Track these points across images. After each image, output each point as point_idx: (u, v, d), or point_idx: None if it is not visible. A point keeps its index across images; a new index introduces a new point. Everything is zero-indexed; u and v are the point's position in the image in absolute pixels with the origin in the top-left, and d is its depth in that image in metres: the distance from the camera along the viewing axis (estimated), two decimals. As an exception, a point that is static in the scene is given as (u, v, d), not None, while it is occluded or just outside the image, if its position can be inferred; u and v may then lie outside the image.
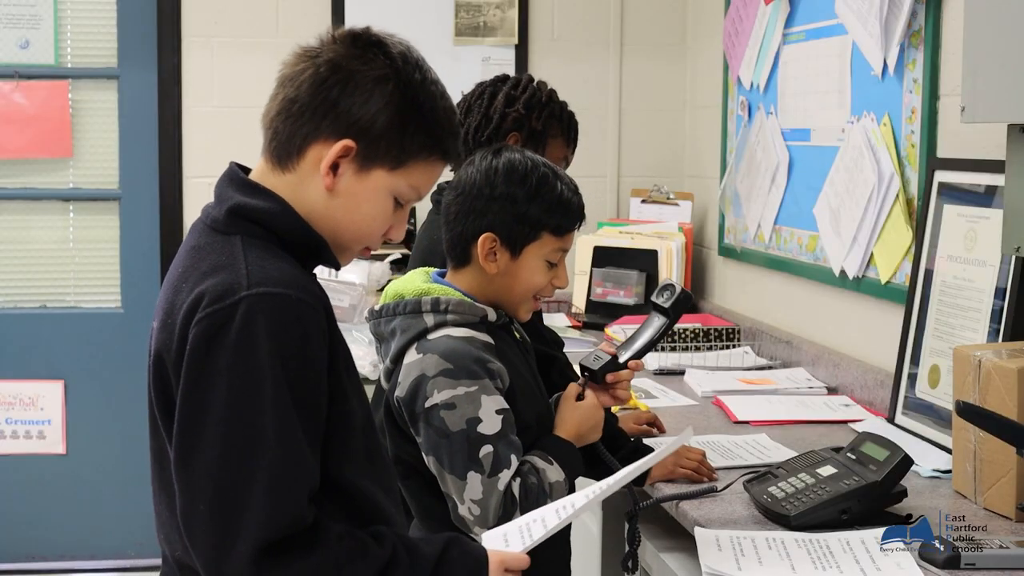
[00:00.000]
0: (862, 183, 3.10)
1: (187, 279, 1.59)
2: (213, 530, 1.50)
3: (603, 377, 2.19)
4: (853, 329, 3.25)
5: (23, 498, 4.67)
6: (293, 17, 4.49)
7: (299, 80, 1.64)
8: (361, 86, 1.62)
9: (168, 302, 1.60)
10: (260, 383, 1.51)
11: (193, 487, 1.52)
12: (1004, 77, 2.04)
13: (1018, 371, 2.07)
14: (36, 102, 4.56)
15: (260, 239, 1.62)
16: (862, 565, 1.88)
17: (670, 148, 4.70)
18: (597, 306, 4.20)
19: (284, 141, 1.65)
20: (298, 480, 1.52)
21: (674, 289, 2.25)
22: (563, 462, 2.05)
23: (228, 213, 1.64)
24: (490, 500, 1.95)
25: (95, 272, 4.71)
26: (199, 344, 1.52)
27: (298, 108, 1.63)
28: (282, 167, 1.66)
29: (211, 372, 1.51)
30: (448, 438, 1.97)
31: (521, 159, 2.12)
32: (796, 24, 3.55)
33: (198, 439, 1.51)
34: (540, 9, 4.62)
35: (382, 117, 1.62)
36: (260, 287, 1.53)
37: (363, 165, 1.64)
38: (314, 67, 1.63)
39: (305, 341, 1.54)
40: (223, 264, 1.57)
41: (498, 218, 2.08)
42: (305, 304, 1.55)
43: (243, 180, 1.67)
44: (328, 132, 1.62)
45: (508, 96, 2.92)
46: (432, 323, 2.04)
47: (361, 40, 1.66)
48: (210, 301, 1.53)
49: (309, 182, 1.64)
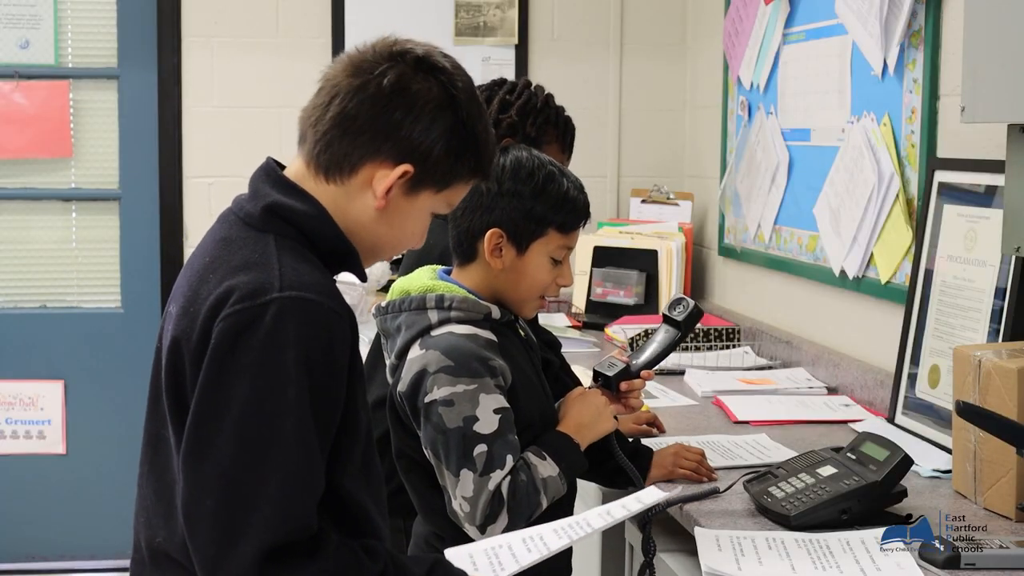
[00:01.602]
0: (862, 183, 3.10)
1: (215, 270, 1.58)
2: (217, 527, 1.50)
3: (617, 384, 2.21)
4: (853, 329, 3.25)
5: (23, 498, 4.68)
6: (293, 17, 4.49)
7: (359, 96, 1.63)
8: (425, 111, 1.63)
9: (192, 290, 1.59)
10: (284, 386, 1.50)
11: (202, 481, 1.51)
12: (1004, 77, 2.04)
13: (1018, 371, 2.07)
14: (36, 102, 4.56)
15: (292, 240, 1.61)
16: (862, 565, 1.88)
17: (670, 148, 4.70)
18: (597, 306, 4.20)
19: (338, 156, 1.64)
20: (309, 486, 1.52)
21: (687, 303, 2.27)
22: (558, 456, 2.05)
23: (264, 210, 1.63)
24: (479, 499, 1.97)
25: (95, 272, 4.71)
26: (224, 340, 1.51)
27: (358, 126, 1.62)
28: (328, 177, 1.65)
29: (234, 369, 1.50)
30: (445, 434, 1.99)
31: (528, 157, 2.14)
32: (796, 24, 3.55)
33: (214, 434, 1.50)
34: (540, 9, 4.62)
35: (440, 144, 1.64)
36: (293, 291, 1.53)
37: (414, 187, 1.65)
38: (376, 84, 1.62)
39: (331, 349, 1.54)
40: (255, 262, 1.57)
41: (505, 214, 2.10)
42: (334, 312, 1.55)
43: (281, 178, 1.66)
44: (387, 155, 1.63)
45: (503, 101, 2.92)
46: (436, 320, 2.06)
47: (424, 64, 1.66)
48: (240, 298, 1.52)
49: (358, 198, 1.65)
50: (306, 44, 4.43)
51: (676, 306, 2.28)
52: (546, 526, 1.83)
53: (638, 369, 2.23)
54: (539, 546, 1.75)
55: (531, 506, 2.00)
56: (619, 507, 1.87)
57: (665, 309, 2.30)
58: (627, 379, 2.22)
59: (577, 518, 1.84)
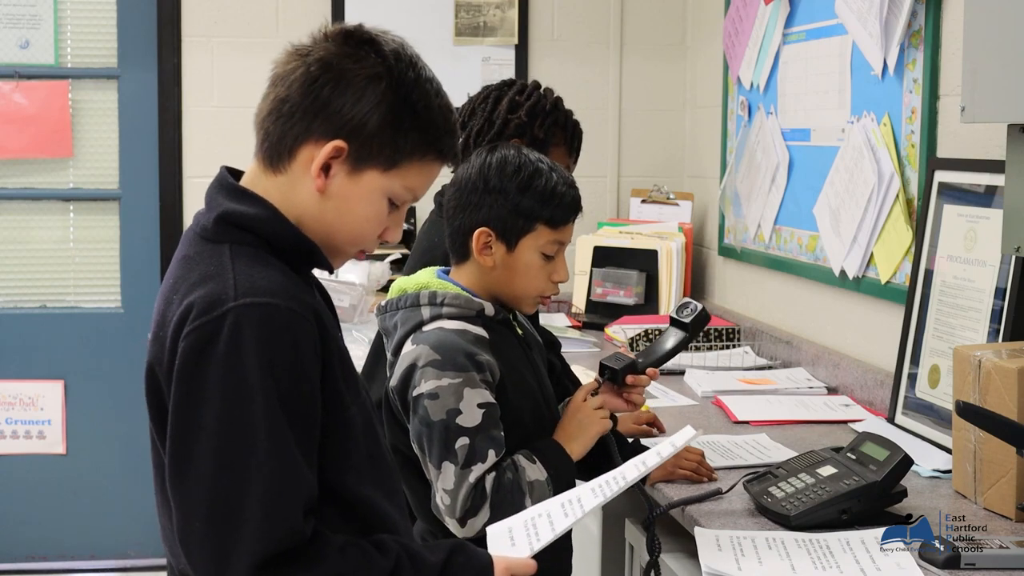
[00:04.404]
0: (862, 183, 3.10)
1: (177, 290, 1.57)
2: (210, 547, 1.48)
3: (623, 378, 2.23)
4: (853, 329, 3.25)
5: (23, 498, 4.67)
6: (293, 17, 4.49)
7: (290, 79, 1.61)
8: (353, 85, 1.59)
9: (160, 314, 1.58)
10: (250, 395, 1.48)
11: (188, 504, 1.50)
12: (1004, 77, 2.04)
13: (1018, 371, 2.07)
14: (36, 102, 4.56)
15: (250, 246, 1.59)
16: (862, 565, 1.88)
17: (670, 148, 4.70)
18: (597, 306, 4.20)
19: (275, 142, 1.62)
20: (292, 493, 1.50)
21: (695, 306, 2.30)
22: (547, 462, 2.06)
23: (216, 221, 1.60)
24: (459, 491, 1.98)
25: (95, 272, 4.71)
26: (188, 358, 1.49)
27: (289, 108, 1.60)
28: (274, 169, 1.63)
29: (201, 386, 1.49)
30: (430, 427, 2.01)
31: (515, 154, 2.15)
32: (796, 24, 3.55)
33: (190, 454, 1.49)
34: (540, 9, 4.62)
35: (374, 117, 1.59)
36: (247, 297, 1.50)
37: (355, 166, 1.61)
38: (305, 66, 1.60)
39: (295, 351, 1.51)
40: (211, 274, 1.55)
41: (492, 211, 2.11)
42: (294, 313, 1.52)
43: (232, 186, 1.64)
44: (319, 132, 1.59)
45: (512, 102, 2.91)
46: (428, 316, 2.08)
47: (353, 38, 1.62)
48: (198, 313, 1.50)
49: (300, 184, 1.61)
50: (306, 44, 4.42)
51: (684, 309, 2.30)
52: (584, 486, 1.80)
53: (645, 366, 2.25)
54: (575, 509, 1.72)
55: (515, 506, 2.00)
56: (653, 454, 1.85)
57: (673, 312, 2.32)
58: (633, 374, 2.24)
59: (613, 473, 1.80)
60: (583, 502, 1.75)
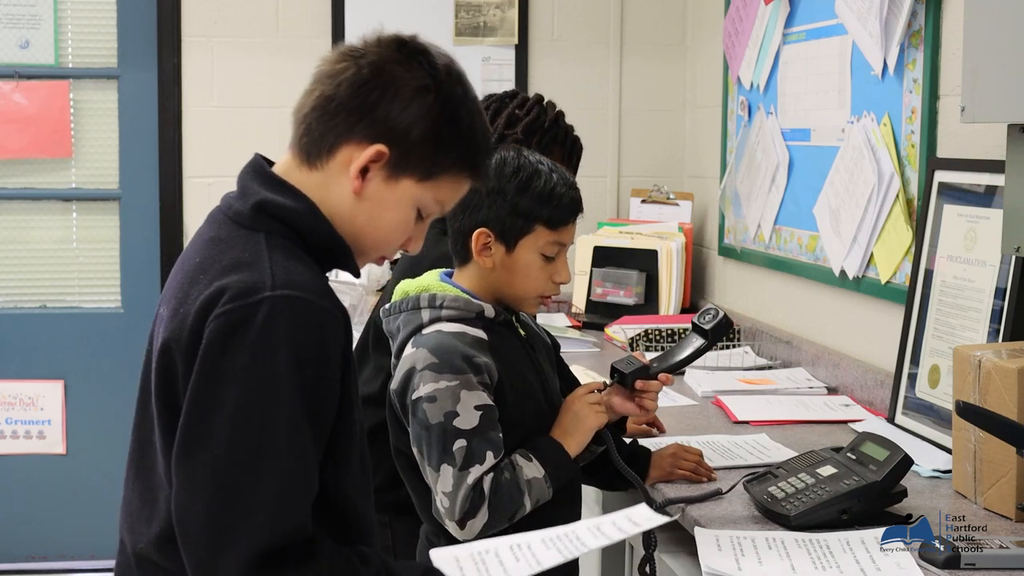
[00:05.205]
0: (862, 183, 3.10)
1: (205, 271, 1.56)
2: (209, 530, 1.48)
3: (632, 383, 2.19)
4: (853, 329, 3.25)
5: (23, 498, 4.67)
6: (293, 17, 4.49)
7: (339, 78, 1.61)
8: (402, 92, 1.59)
9: (182, 291, 1.56)
10: (276, 386, 1.48)
11: (194, 484, 1.49)
12: (1004, 77, 2.04)
13: (1018, 371, 2.07)
14: (36, 102, 4.56)
15: (284, 238, 1.59)
16: (862, 565, 1.88)
17: (670, 148, 4.70)
18: (597, 306, 4.20)
19: (316, 138, 1.61)
20: (304, 489, 1.51)
21: (716, 313, 2.26)
22: (543, 459, 2.06)
23: (254, 208, 1.60)
24: (458, 493, 1.98)
25: (95, 272, 4.71)
26: (216, 340, 1.49)
27: (335, 106, 1.60)
28: (310, 164, 1.63)
29: (226, 369, 1.48)
30: (428, 430, 2.01)
31: (513, 155, 2.14)
32: (796, 24, 3.55)
33: (206, 436, 1.48)
34: (540, 9, 4.62)
35: (419, 127, 1.60)
36: (284, 289, 1.51)
37: (393, 173, 1.61)
38: (356, 67, 1.60)
39: (324, 349, 1.52)
40: (246, 261, 1.54)
41: (491, 212, 2.10)
42: (327, 312, 1.53)
43: (269, 175, 1.64)
44: (362, 135, 1.60)
45: (511, 116, 2.90)
46: (427, 318, 2.08)
47: (407, 47, 1.63)
48: (231, 297, 1.50)
49: (335, 183, 1.61)
50: (306, 44, 4.43)
51: (705, 315, 2.27)
52: (533, 534, 1.73)
53: (657, 371, 2.21)
54: (528, 557, 1.66)
55: (513, 505, 2.00)
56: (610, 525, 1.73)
57: (695, 318, 2.28)
58: (644, 378, 2.20)
59: (566, 529, 1.73)
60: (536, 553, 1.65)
